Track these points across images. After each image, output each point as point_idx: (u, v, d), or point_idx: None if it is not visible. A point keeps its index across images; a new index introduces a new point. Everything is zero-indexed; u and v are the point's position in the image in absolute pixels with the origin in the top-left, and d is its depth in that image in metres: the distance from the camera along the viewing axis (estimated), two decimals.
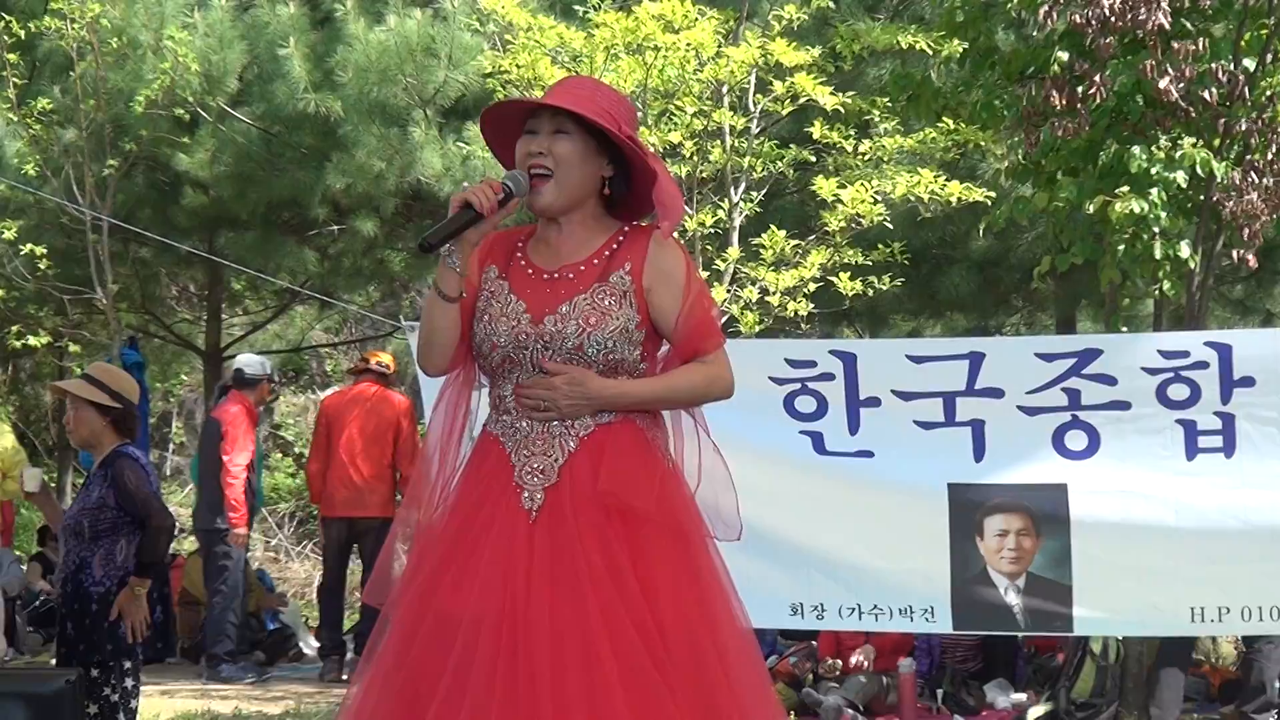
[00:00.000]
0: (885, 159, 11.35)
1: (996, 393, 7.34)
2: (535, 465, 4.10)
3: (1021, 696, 10.69)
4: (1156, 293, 9.60)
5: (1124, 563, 7.21)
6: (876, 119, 11.58)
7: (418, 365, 4.36)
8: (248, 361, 12.94)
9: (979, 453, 7.33)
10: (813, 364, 7.47)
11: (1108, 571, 7.22)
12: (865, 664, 10.68)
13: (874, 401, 7.39)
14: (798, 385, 7.43)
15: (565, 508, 4.05)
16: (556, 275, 4.21)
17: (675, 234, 10.60)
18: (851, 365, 7.44)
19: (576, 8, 11.60)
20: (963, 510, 7.31)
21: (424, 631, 4.01)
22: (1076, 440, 7.27)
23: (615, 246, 4.26)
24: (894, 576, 7.34)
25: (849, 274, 11.05)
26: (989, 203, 10.97)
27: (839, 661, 10.87)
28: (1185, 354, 7.26)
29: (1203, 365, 7.22)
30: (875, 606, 7.32)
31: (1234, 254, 9.80)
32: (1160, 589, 7.20)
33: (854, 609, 7.34)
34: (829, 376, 7.41)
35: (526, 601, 3.94)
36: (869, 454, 7.38)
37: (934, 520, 7.32)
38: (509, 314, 4.16)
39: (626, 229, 4.31)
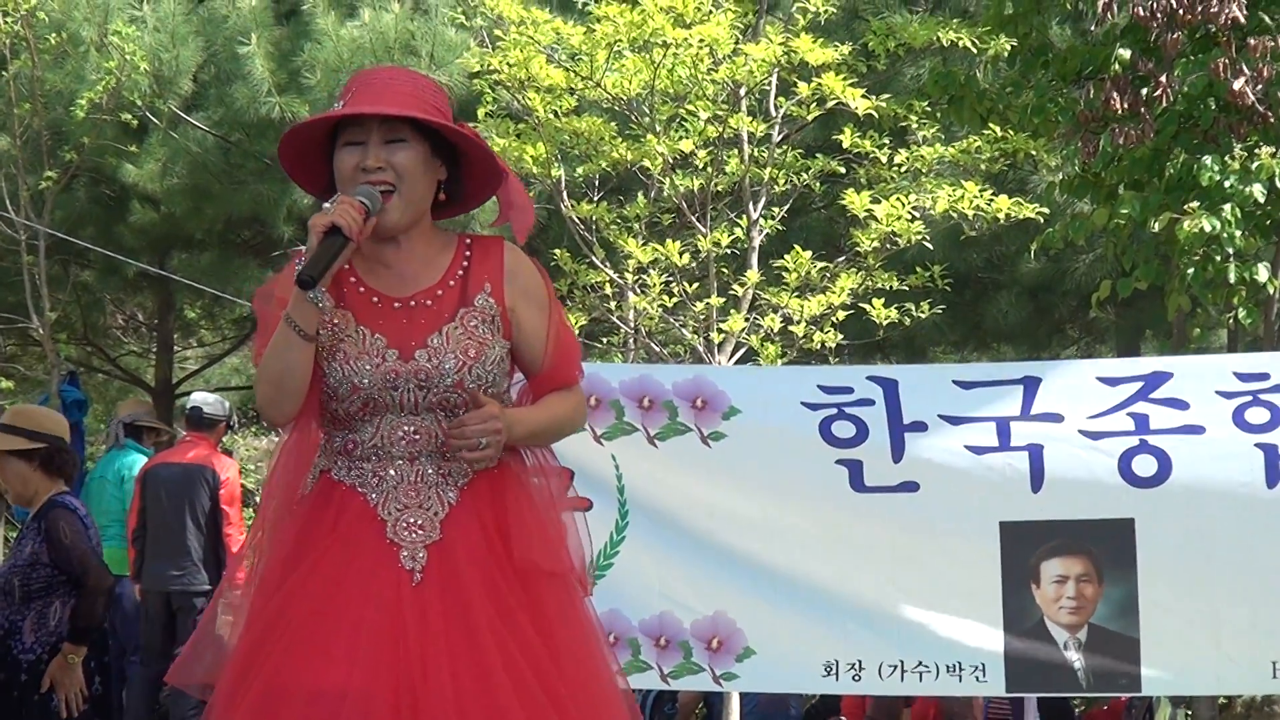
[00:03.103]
0: (924, 170, 11.35)
1: (1055, 417, 7.31)
2: (411, 520, 4.05)
3: None
4: (1230, 321, 9.60)
5: (1196, 611, 7.16)
6: (914, 125, 11.58)
7: (264, 415, 4.20)
8: (205, 400, 12.79)
9: (1037, 482, 7.28)
10: (849, 390, 7.45)
11: (1178, 621, 7.17)
12: None
13: (920, 426, 7.36)
14: (834, 410, 7.40)
15: (455, 567, 4.02)
16: (413, 303, 4.15)
17: (686, 254, 10.55)
18: (893, 391, 7.42)
19: None
20: (1016, 553, 7.26)
21: (295, 706, 3.90)
22: (1145, 465, 7.22)
23: (466, 263, 4.23)
24: (940, 630, 7.28)
25: (883, 300, 11.03)
26: (1041, 220, 10.96)
27: None
28: (1264, 376, 7.23)
29: None
30: (920, 664, 7.26)
31: None
32: (1237, 641, 7.15)
33: (895, 667, 7.28)
34: (868, 402, 7.40)
35: (424, 670, 3.89)
36: (913, 486, 7.33)
37: (984, 565, 7.27)
38: (370, 351, 4.08)
39: (470, 240, 4.29)
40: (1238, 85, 9.14)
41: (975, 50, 11.56)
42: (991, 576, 7.24)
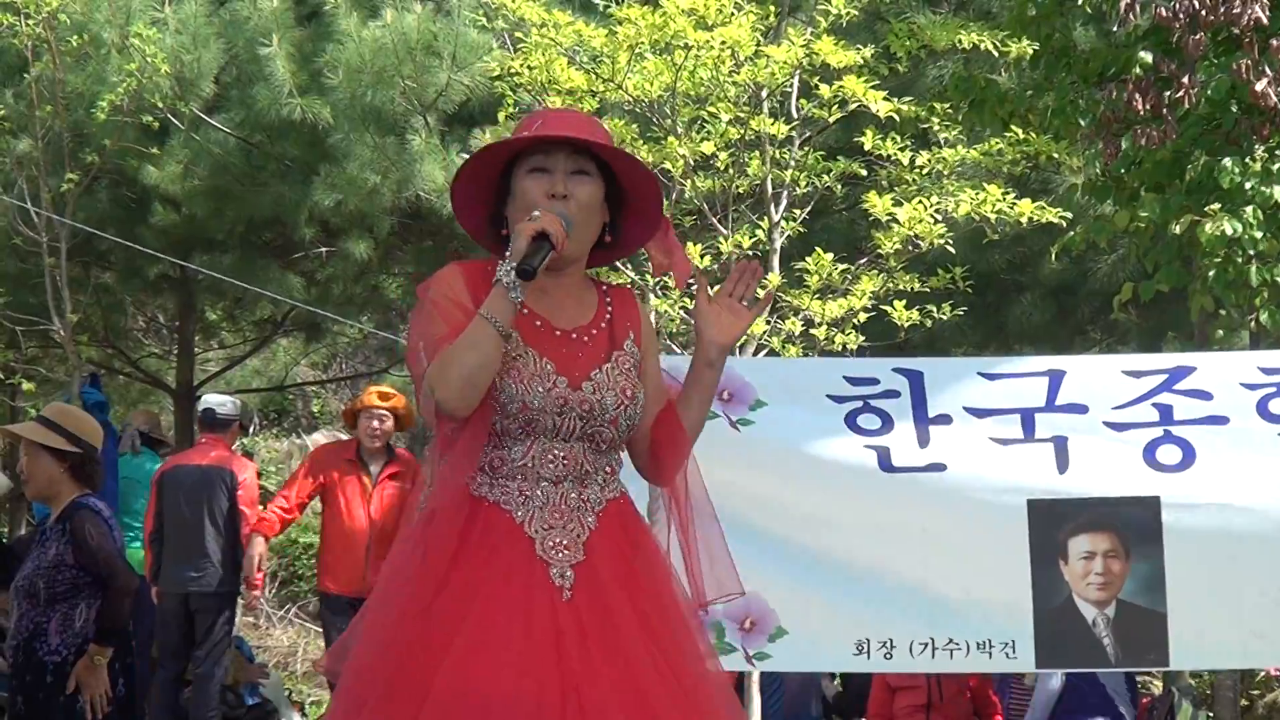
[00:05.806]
0: (946, 173, 11.36)
1: (1080, 409, 7.38)
2: (558, 540, 4.21)
3: None
4: (1252, 323, 9.59)
5: (1223, 585, 7.21)
6: (936, 127, 11.58)
7: (446, 406, 4.11)
8: (219, 401, 12.82)
9: (1062, 466, 7.35)
10: (875, 381, 7.51)
11: (1205, 596, 7.23)
12: None
13: (944, 419, 7.42)
14: (859, 403, 7.46)
15: (600, 586, 4.20)
16: (574, 335, 4.35)
17: (708, 256, 10.54)
18: (918, 382, 7.49)
19: (597, 1, 11.64)
20: (1044, 530, 7.31)
21: (468, 711, 4.00)
22: (1169, 454, 7.28)
23: (610, 310, 4.45)
24: (970, 607, 7.32)
25: (905, 303, 11.04)
26: (1063, 223, 10.97)
27: None
28: None
29: None
30: (950, 641, 7.29)
31: None
32: (1263, 615, 7.20)
33: (926, 645, 7.32)
34: (893, 394, 7.46)
35: (593, 682, 4.05)
36: (941, 467, 7.38)
37: (1013, 542, 7.30)
38: (541, 375, 4.23)
39: (606, 287, 4.50)
40: (1260, 87, 9.15)
41: (997, 53, 11.57)
42: (1020, 553, 7.28)
